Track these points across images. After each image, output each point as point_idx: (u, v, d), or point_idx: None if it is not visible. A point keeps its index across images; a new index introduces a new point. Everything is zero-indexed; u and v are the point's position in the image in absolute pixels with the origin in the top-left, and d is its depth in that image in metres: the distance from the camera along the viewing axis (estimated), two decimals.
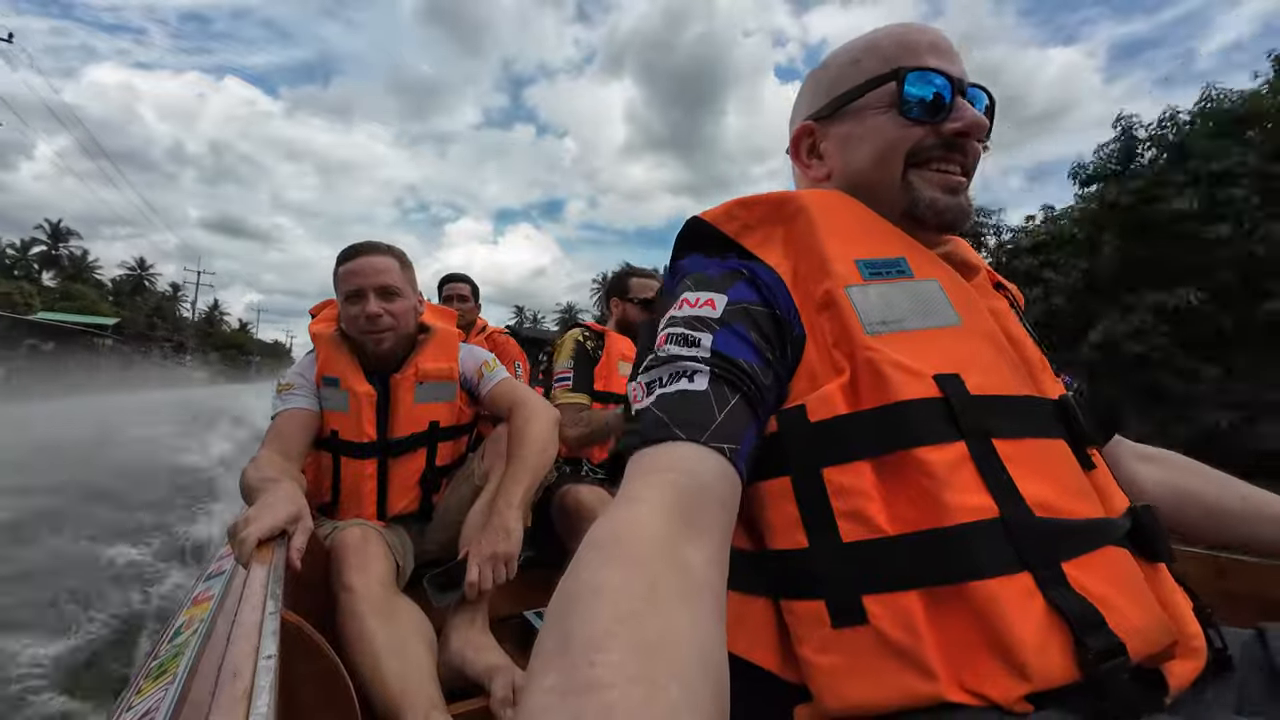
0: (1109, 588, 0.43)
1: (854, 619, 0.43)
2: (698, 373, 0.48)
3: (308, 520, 0.94)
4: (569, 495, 1.61)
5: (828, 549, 0.45)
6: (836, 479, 0.46)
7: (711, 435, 0.44)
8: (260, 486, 1.04)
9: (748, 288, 0.55)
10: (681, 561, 0.35)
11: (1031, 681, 0.39)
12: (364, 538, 1.20)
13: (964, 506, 0.43)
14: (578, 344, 1.96)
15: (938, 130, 0.58)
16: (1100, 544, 0.45)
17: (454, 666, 1.09)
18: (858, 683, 0.42)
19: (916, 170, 0.59)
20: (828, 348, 0.51)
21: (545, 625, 0.31)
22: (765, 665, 0.48)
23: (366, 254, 1.34)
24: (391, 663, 0.99)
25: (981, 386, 0.48)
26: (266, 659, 0.50)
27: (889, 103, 0.59)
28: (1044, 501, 0.44)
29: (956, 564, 0.42)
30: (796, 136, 0.68)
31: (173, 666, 0.91)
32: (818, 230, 0.55)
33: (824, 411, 0.48)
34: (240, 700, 0.45)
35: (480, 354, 1.50)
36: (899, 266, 0.54)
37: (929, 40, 0.60)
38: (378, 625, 1.04)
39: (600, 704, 0.25)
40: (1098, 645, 0.39)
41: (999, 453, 0.45)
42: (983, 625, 0.40)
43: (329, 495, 1.39)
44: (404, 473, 1.40)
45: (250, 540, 0.84)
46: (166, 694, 0.81)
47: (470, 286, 3.00)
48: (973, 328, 0.53)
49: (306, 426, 1.32)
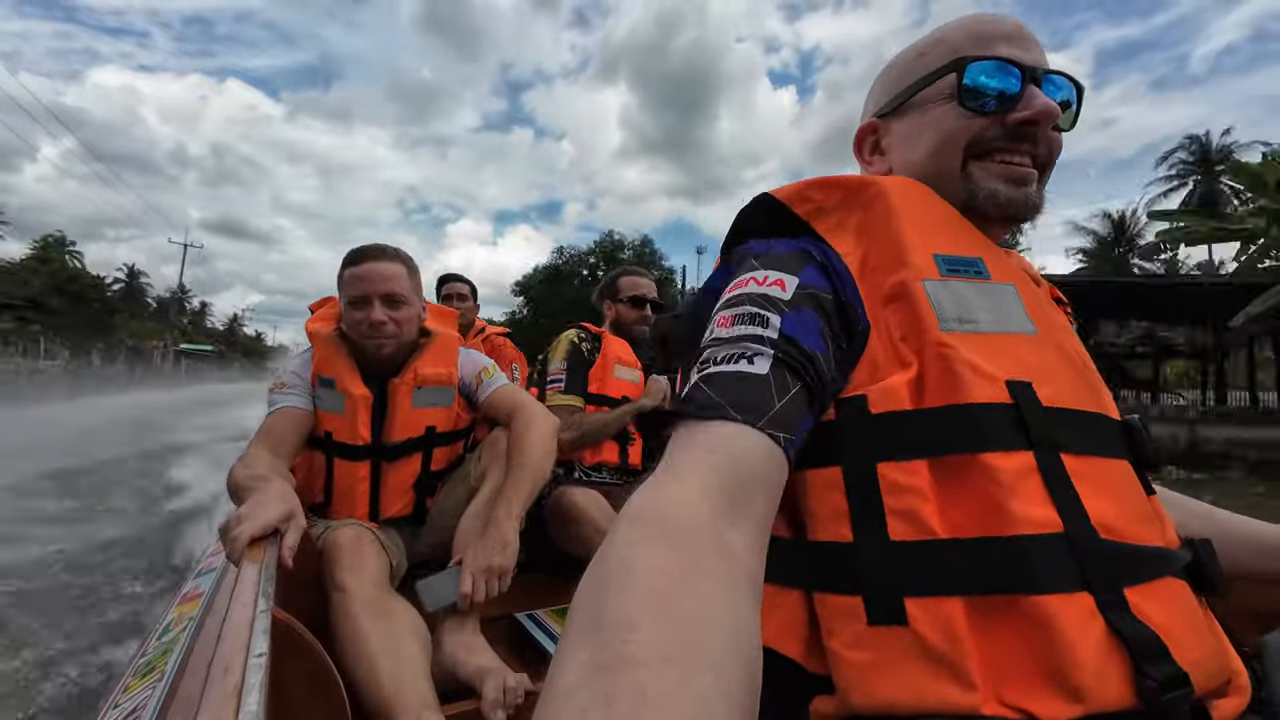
0: (1171, 618, 0.41)
1: (893, 618, 0.42)
2: (759, 355, 0.45)
3: (300, 519, 0.94)
4: (563, 498, 1.61)
5: (873, 545, 0.44)
6: (891, 475, 0.45)
7: (768, 421, 0.42)
8: (251, 485, 1.03)
9: (819, 273, 0.52)
10: (723, 544, 0.34)
11: (1085, 704, 0.37)
12: (357, 538, 1.20)
13: (1027, 518, 0.41)
14: (573, 345, 1.95)
15: (1003, 120, 0.56)
16: (1162, 573, 0.43)
17: (445, 668, 1.09)
18: (889, 683, 0.41)
19: (978, 162, 0.57)
20: (893, 341, 0.49)
21: (578, 599, 0.31)
22: (788, 653, 0.47)
23: (374, 259, 1.32)
24: (385, 663, 0.98)
25: (1052, 398, 0.46)
26: (257, 657, 0.50)
27: (950, 94, 0.57)
28: (1108, 523, 0.43)
29: (1013, 575, 0.40)
30: (860, 134, 0.66)
31: (161, 664, 0.90)
32: (898, 218, 0.52)
33: (887, 404, 0.46)
34: (230, 697, 0.45)
35: (480, 359, 1.49)
36: (976, 266, 0.52)
37: (1000, 29, 0.57)
38: (371, 625, 1.03)
39: (632, 683, 0.24)
40: (1160, 675, 0.38)
41: (1066, 467, 0.44)
42: (1035, 641, 0.39)
43: (321, 495, 1.38)
44: (398, 476, 1.39)
45: (242, 538, 0.83)
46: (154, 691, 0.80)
47: (469, 287, 2.99)
48: (1047, 338, 0.51)
49: (299, 426, 1.30)
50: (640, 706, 0.23)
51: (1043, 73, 0.56)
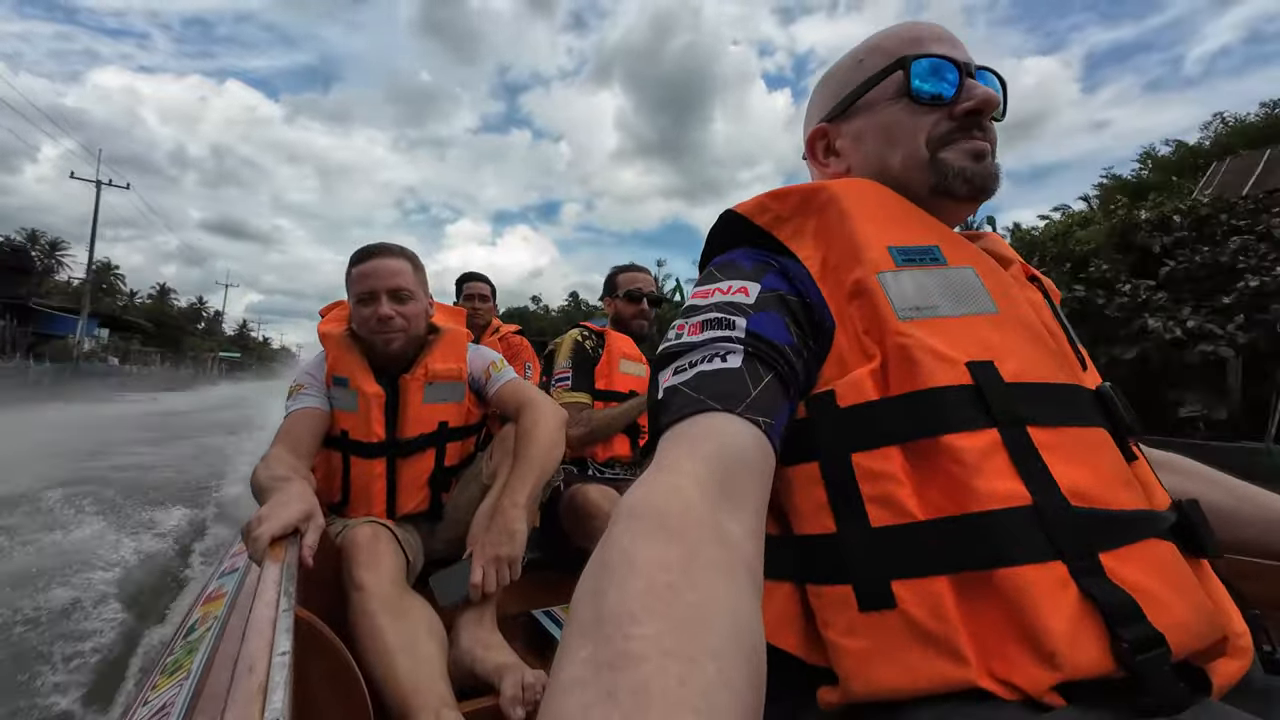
0: (1151, 580, 0.41)
1: (882, 603, 0.43)
2: (731, 353, 0.48)
3: (319, 518, 0.95)
4: (577, 495, 1.61)
5: (856, 533, 0.45)
6: (865, 464, 0.46)
7: (747, 407, 0.44)
8: (271, 485, 1.05)
9: (779, 278, 0.55)
10: (720, 533, 0.34)
11: (1061, 671, 0.38)
12: (374, 535, 1.21)
13: (995, 493, 0.42)
14: (576, 344, 1.97)
15: (951, 112, 0.59)
16: (1143, 535, 0.44)
17: (463, 665, 1.10)
18: (886, 666, 0.42)
19: (943, 149, 0.60)
20: (858, 335, 0.50)
21: (579, 596, 0.31)
22: (788, 648, 0.48)
23: (380, 256, 1.35)
24: (402, 660, 0.99)
25: (1018, 374, 0.47)
26: (281, 655, 0.51)
27: (898, 92, 0.60)
28: (1082, 490, 0.43)
29: (986, 550, 0.41)
30: (811, 139, 0.69)
31: (187, 662, 0.92)
32: (849, 218, 0.55)
33: (854, 397, 0.48)
34: (256, 695, 0.46)
35: (488, 354, 1.51)
36: (932, 254, 0.54)
37: (930, 32, 0.61)
38: (389, 623, 1.04)
39: (635, 678, 0.24)
40: (1132, 636, 0.38)
41: (1034, 440, 0.45)
42: (1012, 613, 0.40)
43: (339, 495, 1.40)
44: (413, 472, 1.41)
45: (264, 538, 0.85)
46: (182, 689, 0.82)
47: (489, 286, 2.99)
48: (1009, 315, 0.52)
49: (316, 426, 1.33)
50: (644, 701, 0.23)
51: (974, 68, 0.61)
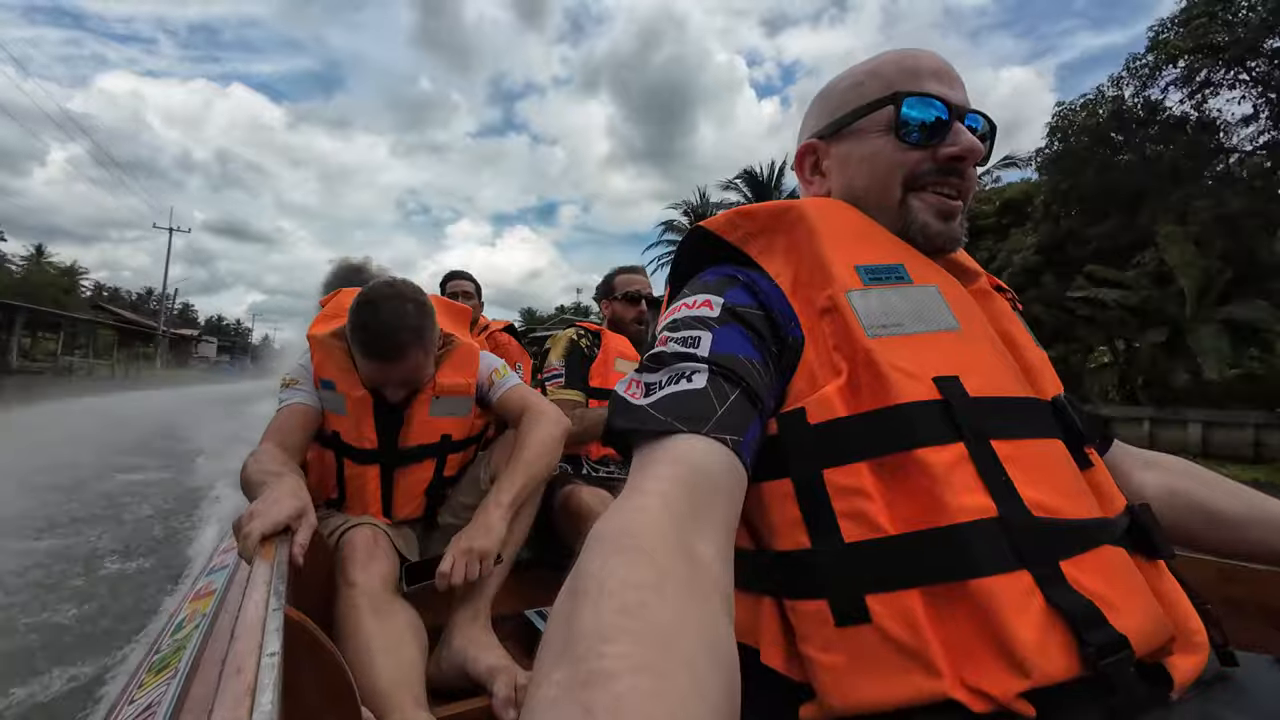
0: (1107, 586, 0.43)
1: (857, 618, 0.43)
2: (696, 373, 0.48)
3: (311, 516, 0.94)
4: (571, 497, 1.61)
5: (830, 549, 0.46)
6: (837, 480, 0.47)
7: (713, 427, 0.44)
8: (262, 480, 1.04)
9: (744, 292, 0.56)
10: (689, 553, 0.35)
11: (1031, 678, 0.39)
12: (374, 538, 1.21)
13: (963, 506, 0.43)
14: (571, 342, 1.97)
15: (934, 155, 0.60)
16: (1097, 543, 0.45)
17: (455, 665, 1.09)
18: (862, 681, 0.42)
19: (915, 194, 0.61)
20: (828, 351, 0.51)
21: (553, 618, 0.31)
22: (770, 663, 0.48)
23: (395, 361, 1.22)
24: (382, 659, 0.99)
25: (980, 389, 0.49)
26: (270, 656, 0.50)
27: (886, 126, 0.61)
28: (1041, 502, 0.45)
29: (956, 562, 0.42)
30: (800, 154, 0.70)
31: (174, 661, 0.91)
32: (818, 237, 0.56)
33: (823, 414, 0.49)
34: (244, 696, 0.45)
35: (492, 361, 1.48)
36: (898, 272, 0.55)
37: (930, 66, 0.61)
38: (373, 621, 1.04)
39: (610, 696, 0.24)
40: (1099, 641, 0.40)
41: (997, 453, 0.46)
42: (982, 623, 0.41)
43: (335, 492, 1.38)
44: (410, 481, 1.39)
45: (254, 535, 0.83)
46: (169, 688, 0.81)
47: (474, 284, 2.99)
48: (971, 332, 0.54)
49: (306, 423, 1.30)
50: (620, 716, 0.24)
51: (966, 111, 0.62)
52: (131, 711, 0.80)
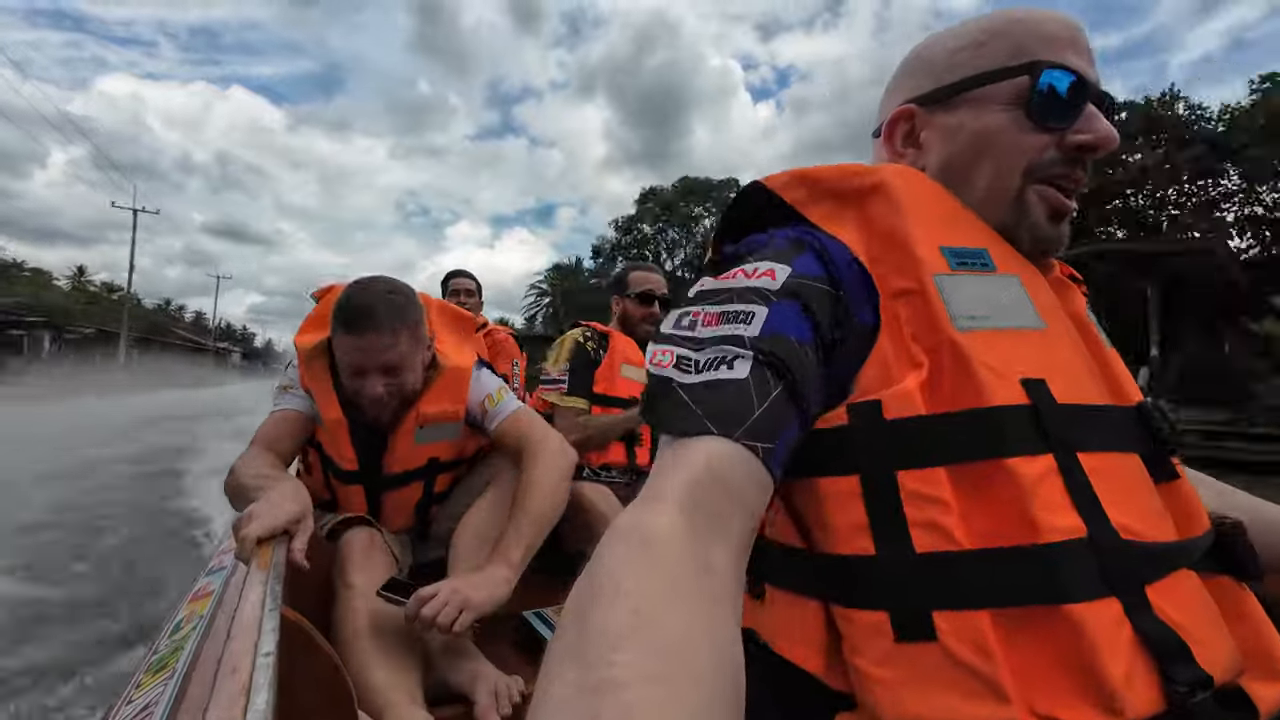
0: (1187, 614, 0.40)
1: (921, 634, 0.40)
2: (739, 358, 0.44)
3: (310, 520, 0.94)
4: (572, 493, 1.60)
5: (898, 559, 0.42)
6: (912, 485, 0.43)
7: (746, 432, 0.41)
8: (259, 484, 1.03)
9: (815, 261, 0.49)
10: (703, 564, 0.35)
11: (1121, 715, 0.36)
12: (371, 541, 1.21)
13: (1053, 525, 0.40)
14: (577, 344, 1.91)
15: (1061, 140, 0.52)
16: (1177, 567, 0.42)
17: (436, 674, 1.09)
18: (921, 700, 0.39)
19: (1035, 185, 0.53)
20: (905, 339, 0.46)
21: (565, 618, 0.31)
22: (808, 668, 0.46)
23: (371, 331, 1.15)
24: (379, 659, 1.00)
25: (1066, 395, 0.45)
26: (265, 656, 0.50)
27: (1015, 99, 0.52)
28: (1125, 522, 0.41)
29: (1043, 585, 0.39)
30: (894, 119, 0.60)
31: (172, 661, 0.91)
32: (902, 209, 0.49)
33: (902, 410, 0.44)
34: (239, 696, 0.45)
35: (487, 385, 1.37)
36: (983, 259, 0.49)
37: (1071, 35, 0.53)
38: (371, 624, 1.05)
39: (618, 704, 0.24)
40: (1187, 679, 0.37)
41: (1084, 467, 0.42)
42: (1065, 651, 0.38)
43: (327, 494, 1.38)
44: (396, 501, 1.36)
45: (252, 537, 0.84)
46: (166, 689, 0.81)
47: (475, 283, 2.99)
48: (1055, 331, 0.49)
49: (296, 430, 1.27)
50: None
51: (1100, 93, 0.53)
52: (130, 711, 0.81)
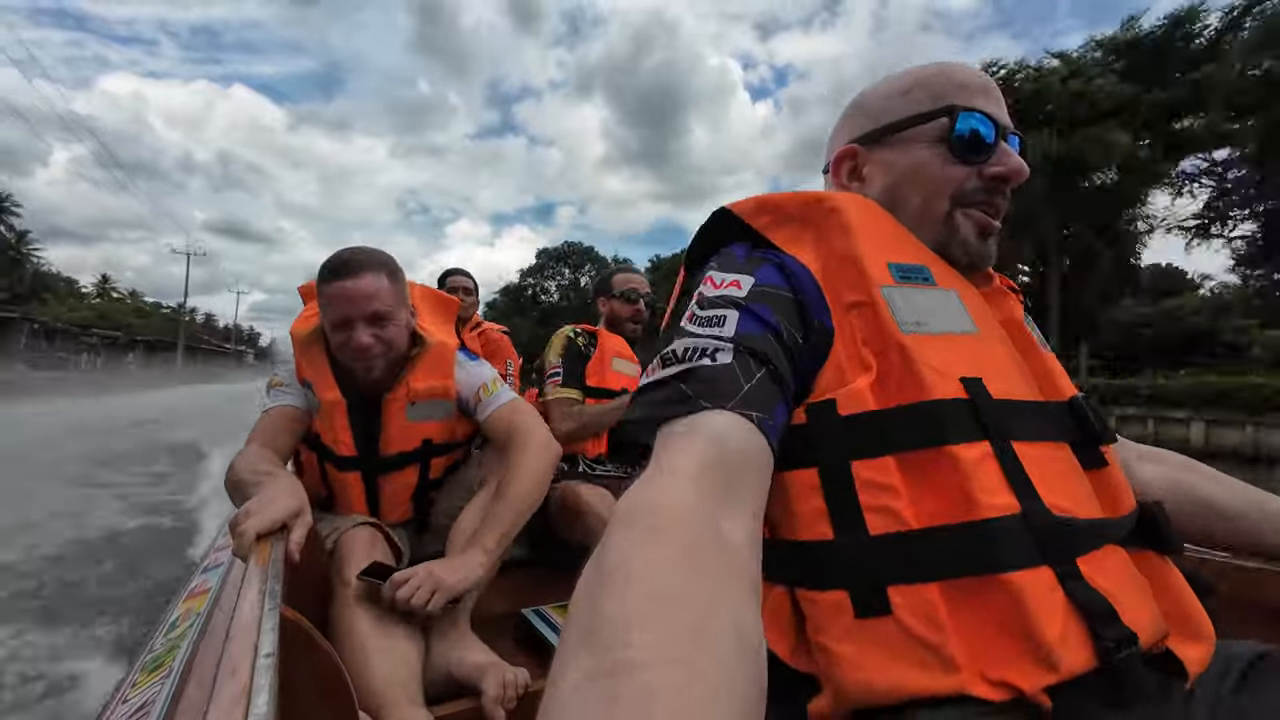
0: (1114, 582, 0.45)
1: (878, 609, 0.44)
2: (720, 350, 0.48)
3: (307, 515, 0.93)
4: (569, 493, 1.60)
5: (854, 541, 0.46)
6: (865, 473, 0.47)
7: (739, 403, 0.44)
8: (256, 480, 1.03)
9: (776, 273, 0.55)
10: (718, 536, 0.35)
11: (1058, 672, 0.40)
12: (371, 539, 1.20)
13: (990, 503, 0.44)
14: (569, 340, 1.97)
15: (980, 172, 0.60)
16: (1105, 542, 0.47)
17: (440, 670, 1.08)
18: (878, 671, 0.43)
19: (961, 209, 0.61)
20: (857, 345, 0.51)
21: (577, 601, 0.31)
22: (777, 652, 0.49)
23: (353, 274, 1.17)
24: (378, 658, 0.99)
25: (999, 391, 0.50)
26: (265, 657, 0.49)
27: (937, 138, 0.61)
28: (1056, 501, 0.46)
29: (982, 557, 0.43)
30: (839, 158, 0.68)
31: (168, 660, 0.90)
32: (853, 230, 0.55)
33: (854, 406, 0.49)
34: (239, 698, 0.44)
35: (483, 374, 1.39)
36: (924, 274, 0.56)
37: (979, 82, 0.61)
38: (369, 620, 1.04)
39: (638, 685, 0.24)
40: (1113, 636, 0.41)
41: (1017, 454, 0.47)
42: (1007, 617, 0.42)
43: (324, 491, 1.37)
44: (394, 487, 1.37)
45: (250, 534, 0.83)
46: (163, 688, 0.80)
47: (472, 281, 3.04)
48: (988, 336, 0.55)
49: (293, 425, 1.27)
50: (647, 707, 0.23)
51: (1009, 131, 0.62)
52: (125, 711, 0.80)
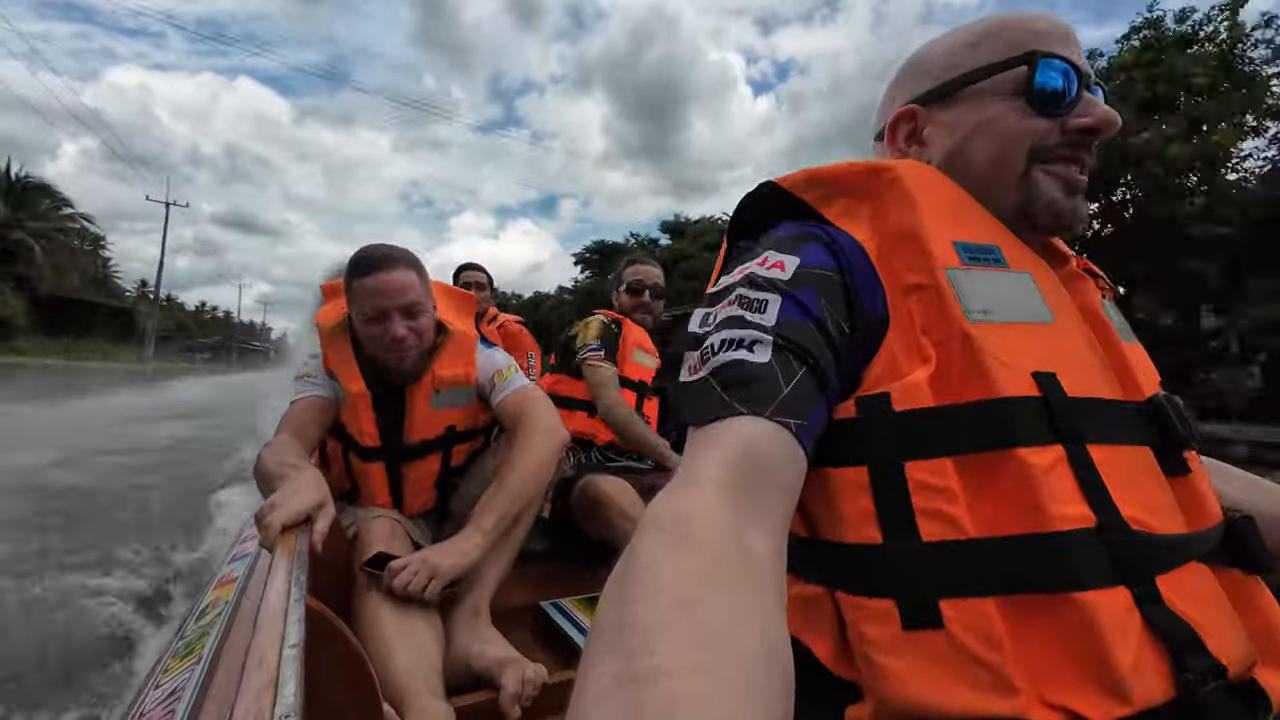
0: (1198, 605, 0.41)
1: (928, 622, 0.41)
2: (758, 343, 0.44)
3: (330, 507, 0.95)
4: (590, 486, 1.62)
5: (905, 548, 0.43)
6: (919, 475, 0.43)
7: (776, 409, 0.41)
8: (281, 472, 1.05)
9: (824, 251, 0.50)
10: (745, 547, 0.34)
11: (1130, 703, 0.37)
12: (392, 531, 1.22)
13: (1062, 514, 0.40)
14: (603, 324, 2.00)
15: (1063, 126, 0.54)
16: (1187, 559, 0.43)
17: (459, 661, 1.10)
18: (927, 687, 0.40)
19: (1041, 166, 0.55)
20: (915, 333, 0.47)
21: (603, 607, 0.30)
22: (817, 653, 0.46)
23: (388, 269, 1.21)
24: (399, 648, 1.00)
25: (1075, 388, 0.45)
26: (291, 647, 0.50)
27: (1014, 89, 0.55)
28: (1134, 513, 0.42)
29: (1050, 573, 0.39)
30: (895, 120, 0.62)
31: (199, 647, 0.93)
32: (916, 205, 0.50)
33: (910, 401, 0.45)
34: (267, 687, 0.45)
35: (498, 360, 1.42)
36: (994, 254, 0.51)
37: (1060, 30, 0.56)
38: (391, 611, 1.05)
39: (663, 693, 0.24)
40: (1199, 668, 0.37)
41: (1093, 458, 0.43)
42: (1074, 639, 0.38)
43: (348, 483, 1.40)
44: (418, 475, 1.39)
45: (275, 526, 0.84)
46: (193, 674, 0.82)
47: (486, 276, 3.03)
48: (1065, 326, 0.50)
49: (320, 416, 1.29)
50: (672, 715, 0.23)
51: (1093, 81, 0.55)
52: (158, 696, 0.82)
